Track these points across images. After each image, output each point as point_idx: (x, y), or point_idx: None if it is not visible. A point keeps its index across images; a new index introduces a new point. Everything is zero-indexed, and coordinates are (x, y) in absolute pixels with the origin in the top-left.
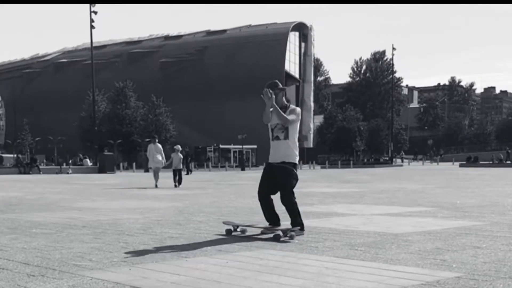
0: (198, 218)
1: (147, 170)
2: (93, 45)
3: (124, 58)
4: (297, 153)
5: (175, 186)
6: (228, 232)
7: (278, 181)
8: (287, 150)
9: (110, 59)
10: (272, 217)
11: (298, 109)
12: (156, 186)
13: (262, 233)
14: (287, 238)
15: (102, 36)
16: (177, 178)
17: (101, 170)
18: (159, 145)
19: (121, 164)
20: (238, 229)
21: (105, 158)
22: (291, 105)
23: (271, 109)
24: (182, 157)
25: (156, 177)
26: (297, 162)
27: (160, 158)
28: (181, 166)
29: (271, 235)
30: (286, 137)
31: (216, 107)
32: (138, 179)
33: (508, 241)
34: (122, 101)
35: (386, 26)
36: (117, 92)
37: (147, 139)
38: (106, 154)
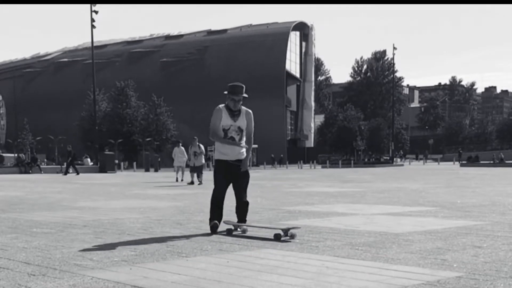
0: (198, 218)
1: (147, 170)
2: (94, 44)
3: (125, 57)
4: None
5: (199, 183)
6: (229, 231)
7: (238, 178)
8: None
9: (110, 59)
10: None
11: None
12: (182, 180)
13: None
14: (287, 237)
15: (103, 36)
16: (198, 174)
17: (102, 169)
18: (183, 148)
19: (122, 164)
20: (239, 229)
21: (105, 158)
22: (242, 108)
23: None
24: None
25: (181, 173)
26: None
27: (184, 158)
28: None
29: (272, 235)
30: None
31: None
32: (139, 179)
33: (509, 240)
34: (123, 101)
35: (387, 25)
36: (118, 92)
37: (148, 139)
38: (106, 153)
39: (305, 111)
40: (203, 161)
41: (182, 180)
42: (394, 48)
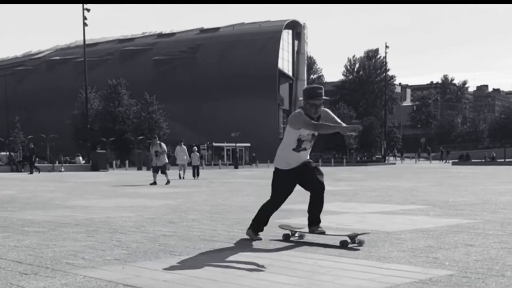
0: (191, 216)
1: (140, 168)
2: (86, 42)
3: (117, 55)
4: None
5: (196, 178)
6: (286, 237)
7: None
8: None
9: (103, 57)
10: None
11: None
12: (183, 178)
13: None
14: (355, 245)
15: (95, 34)
16: (195, 171)
17: (94, 168)
18: (185, 147)
19: (114, 162)
20: (296, 234)
21: (97, 156)
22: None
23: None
24: (199, 155)
25: (182, 171)
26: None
27: (185, 157)
28: (198, 162)
29: (338, 242)
30: (311, 146)
31: (209, 105)
32: (131, 177)
33: (500, 239)
34: (115, 99)
35: (379, 24)
36: (110, 90)
37: (140, 137)
38: (98, 152)
39: None
40: (166, 160)
41: (183, 177)
42: (387, 47)
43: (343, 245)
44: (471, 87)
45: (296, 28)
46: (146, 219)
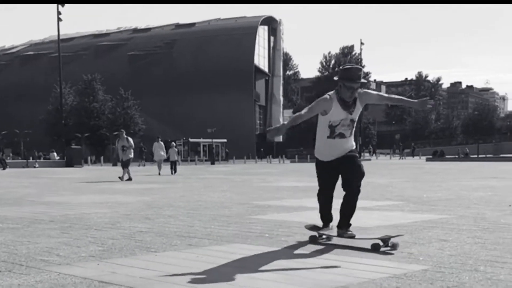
0: (167, 212)
1: (115, 164)
2: (60, 37)
3: (92, 50)
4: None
5: (173, 173)
6: (313, 239)
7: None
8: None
9: (77, 52)
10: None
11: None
12: (159, 174)
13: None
14: (388, 248)
15: (70, 29)
16: (173, 167)
17: (69, 164)
18: (162, 143)
19: (89, 158)
20: (324, 236)
21: (72, 152)
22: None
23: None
24: (177, 150)
25: (159, 167)
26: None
27: (162, 152)
28: (176, 158)
29: (369, 245)
30: (351, 133)
31: (185, 101)
32: (106, 173)
33: (473, 234)
34: (90, 94)
35: (355, 21)
36: (85, 85)
37: (115, 133)
38: (73, 147)
39: (273, 106)
40: (132, 155)
41: (159, 174)
42: (362, 44)
43: (375, 248)
44: (445, 84)
45: (272, 24)
46: (122, 215)
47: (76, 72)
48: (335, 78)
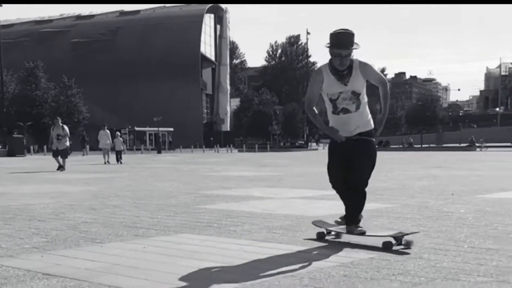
0: (113, 202)
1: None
2: (0, 23)
3: (34, 37)
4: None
5: (119, 163)
6: (321, 236)
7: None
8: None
9: (18, 38)
10: None
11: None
12: (107, 162)
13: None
14: (402, 247)
15: (9, 15)
16: (119, 156)
17: (11, 153)
18: (108, 131)
19: (32, 147)
20: (332, 233)
21: (14, 141)
22: (354, 61)
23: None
24: (122, 140)
25: (106, 155)
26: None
27: (108, 141)
28: (122, 147)
29: (380, 244)
30: (358, 107)
31: (130, 89)
32: (49, 163)
33: (417, 222)
34: (32, 82)
35: (301, 10)
36: (27, 73)
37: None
38: (15, 136)
39: (220, 95)
40: (68, 144)
41: (108, 162)
42: (308, 33)
43: (387, 247)
44: (390, 74)
45: (218, 12)
46: (66, 206)
47: (17, 60)
48: (326, 45)
